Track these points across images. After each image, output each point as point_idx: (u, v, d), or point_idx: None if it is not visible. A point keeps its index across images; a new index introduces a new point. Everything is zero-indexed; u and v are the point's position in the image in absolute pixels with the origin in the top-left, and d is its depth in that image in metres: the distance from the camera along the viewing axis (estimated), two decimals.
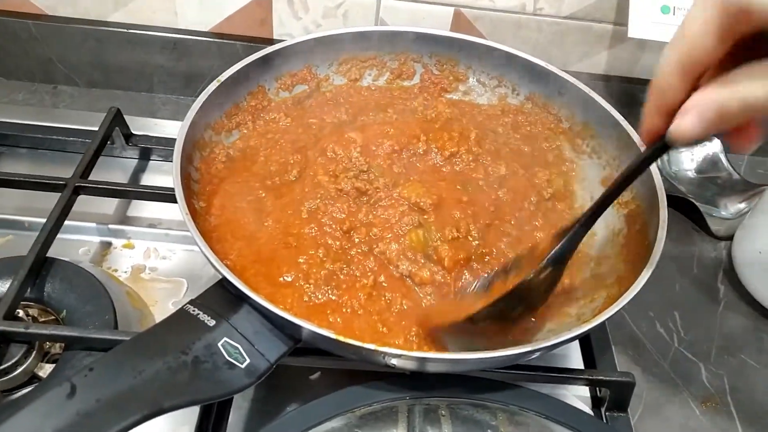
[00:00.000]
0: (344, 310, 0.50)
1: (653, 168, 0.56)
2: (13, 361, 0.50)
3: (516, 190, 0.60)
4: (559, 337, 0.44)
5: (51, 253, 0.57)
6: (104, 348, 0.50)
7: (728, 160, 0.77)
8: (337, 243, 0.53)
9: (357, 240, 0.54)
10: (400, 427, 0.46)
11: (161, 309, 0.59)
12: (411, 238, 0.54)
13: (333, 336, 0.42)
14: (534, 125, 0.68)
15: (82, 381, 0.37)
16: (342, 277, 0.51)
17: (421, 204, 0.56)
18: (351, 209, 0.56)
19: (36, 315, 0.55)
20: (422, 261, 0.53)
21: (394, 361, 0.44)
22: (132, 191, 0.63)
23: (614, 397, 0.53)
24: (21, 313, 0.53)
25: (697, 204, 0.69)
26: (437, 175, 0.60)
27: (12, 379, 0.50)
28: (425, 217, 0.55)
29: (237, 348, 0.43)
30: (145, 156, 0.73)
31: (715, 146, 0.78)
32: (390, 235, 0.54)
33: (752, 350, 0.62)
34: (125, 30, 0.76)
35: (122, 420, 0.35)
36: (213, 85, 0.59)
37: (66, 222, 0.60)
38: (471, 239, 0.55)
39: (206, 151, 0.59)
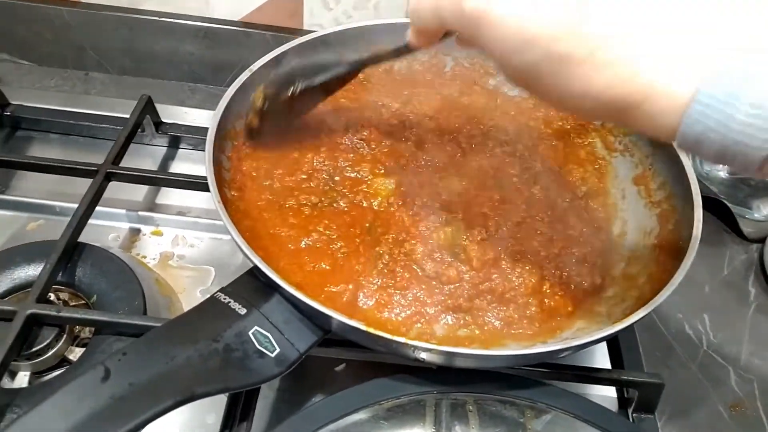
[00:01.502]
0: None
1: (688, 167, 0.55)
2: (45, 343, 0.51)
3: (549, 188, 0.59)
4: (590, 336, 0.44)
5: (82, 238, 0.58)
6: (134, 333, 0.50)
7: None
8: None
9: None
10: (427, 421, 0.46)
11: (189, 297, 0.60)
12: (438, 237, 0.54)
13: (363, 327, 0.42)
14: (566, 120, 0.67)
15: (115, 365, 0.38)
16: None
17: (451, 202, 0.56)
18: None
19: (67, 299, 0.55)
20: (449, 259, 0.53)
21: (423, 355, 0.43)
22: (162, 179, 0.64)
23: (642, 399, 0.52)
24: (52, 296, 0.54)
25: (729, 205, 0.68)
26: (473, 166, 0.59)
27: (43, 362, 0.51)
28: (454, 215, 0.55)
29: (267, 337, 0.43)
30: (174, 144, 0.73)
31: None
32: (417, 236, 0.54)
33: None
34: (157, 18, 0.76)
35: (155, 405, 0.36)
36: (245, 74, 0.59)
37: (97, 208, 0.60)
38: (500, 238, 0.54)
39: (237, 140, 0.59)
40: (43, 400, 0.35)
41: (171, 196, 0.68)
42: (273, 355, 0.42)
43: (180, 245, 0.64)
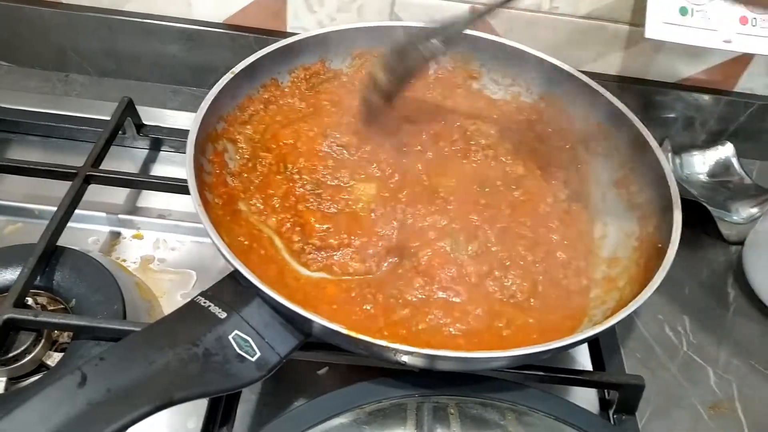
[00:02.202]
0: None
1: (667, 171, 0.56)
2: (22, 348, 0.50)
3: (532, 192, 0.59)
4: (569, 339, 0.44)
5: (61, 241, 0.57)
6: (113, 338, 0.50)
7: (740, 165, 0.77)
8: None
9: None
10: (409, 424, 0.46)
11: (170, 300, 0.59)
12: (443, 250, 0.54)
13: (344, 331, 0.42)
14: (548, 124, 0.67)
15: (93, 370, 0.37)
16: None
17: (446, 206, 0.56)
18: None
19: (45, 303, 0.54)
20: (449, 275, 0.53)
21: (404, 358, 0.43)
22: (143, 181, 0.63)
23: (623, 400, 0.53)
24: (30, 301, 0.53)
25: (708, 208, 0.68)
26: (457, 170, 0.60)
27: (20, 367, 0.50)
28: (453, 226, 0.55)
29: (248, 341, 0.42)
30: (155, 146, 0.73)
31: (727, 150, 0.77)
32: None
33: (762, 356, 0.61)
34: (139, 19, 0.75)
35: (133, 411, 0.35)
36: (227, 77, 0.59)
37: (76, 211, 0.60)
38: (489, 245, 0.55)
39: (219, 143, 0.58)
40: (19, 405, 0.35)
41: (152, 199, 0.68)
42: (253, 359, 0.42)
43: (161, 248, 0.63)
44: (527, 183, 0.60)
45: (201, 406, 0.49)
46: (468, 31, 0.68)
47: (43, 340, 0.51)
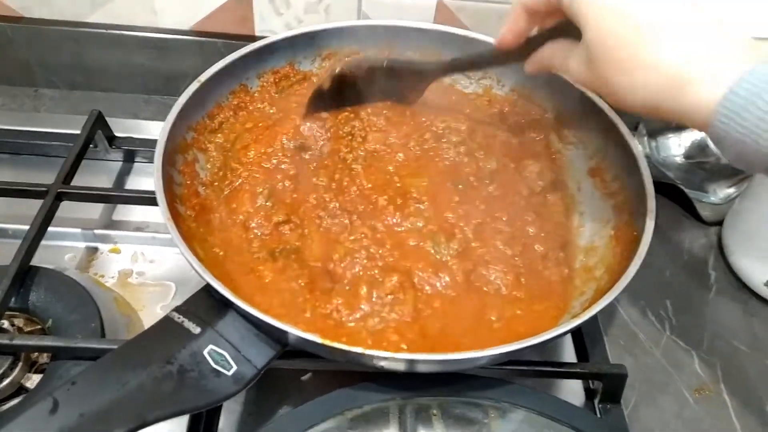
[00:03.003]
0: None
1: (640, 157, 0.56)
2: (0, 372, 0.49)
3: (506, 185, 0.59)
4: (549, 333, 0.44)
5: (36, 260, 0.56)
6: (91, 357, 0.49)
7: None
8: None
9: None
10: (392, 427, 0.46)
11: (150, 314, 0.59)
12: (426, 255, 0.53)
13: (319, 340, 0.42)
14: (521, 116, 0.67)
15: (64, 396, 0.37)
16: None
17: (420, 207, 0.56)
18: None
19: (22, 325, 0.54)
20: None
21: (382, 364, 0.43)
22: (116, 196, 0.63)
23: (607, 389, 0.53)
24: (6, 323, 0.53)
25: (685, 190, 0.68)
26: (429, 168, 0.59)
27: None
28: (430, 227, 0.55)
29: (223, 355, 0.42)
30: (129, 158, 0.72)
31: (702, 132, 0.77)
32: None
33: (744, 336, 0.62)
34: (104, 30, 0.74)
35: None
36: (193, 86, 0.58)
37: (50, 228, 0.59)
38: (467, 241, 0.54)
39: (189, 153, 0.58)
40: None
41: (128, 213, 0.67)
42: (230, 373, 0.42)
43: (139, 261, 0.63)
44: (501, 177, 0.60)
45: (184, 419, 0.48)
46: (436, 26, 0.68)
47: (21, 363, 0.51)
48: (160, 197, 0.49)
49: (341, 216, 0.55)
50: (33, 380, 0.52)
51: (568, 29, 0.45)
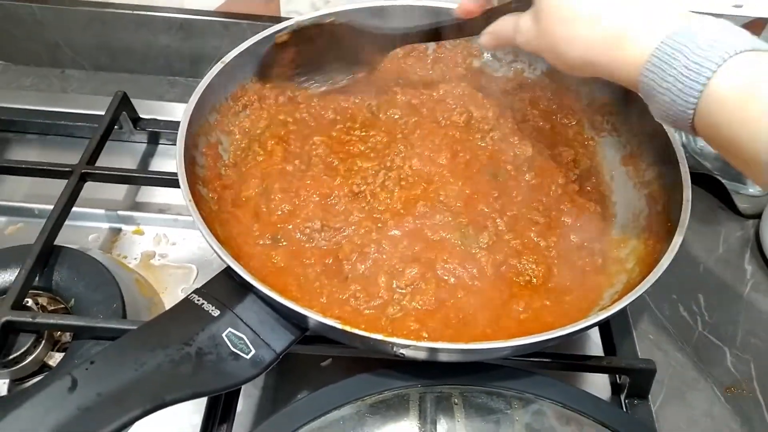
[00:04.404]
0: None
1: (677, 146, 0.53)
2: (23, 350, 0.50)
3: (543, 173, 0.57)
4: (575, 325, 0.42)
5: (60, 240, 0.57)
6: (112, 337, 0.49)
7: None
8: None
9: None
10: (412, 415, 0.45)
11: (171, 296, 0.59)
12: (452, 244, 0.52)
13: (339, 326, 0.41)
14: (552, 101, 0.65)
15: (83, 374, 0.37)
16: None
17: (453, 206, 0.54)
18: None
19: (45, 304, 0.54)
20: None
21: (402, 351, 0.42)
22: (139, 177, 0.63)
23: (634, 384, 0.51)
24: (30, 302, 0.53)
25: (722, 181, 0.66)
26: (462, 160, 0.58)
27: (22, 369, 0.50)
28: (461, 220, 0.53)
29: (242, 338, 0.42)
30: (153, 140, 0.72)
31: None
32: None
33: None
34: (130, 11, 0.74)
35: (123, 415, 0.35)
36: (217, 67, 0.57)
37: (75, 209, 0.59)
38: (501, 234, 0.53)
39: (212, 135, 0.57)
40: (9, 413, 0.35)
41: (152, 194, 0.67)
42: (248, 356, 0.41)
43: (162, 244, 0.63)
44: (536, 164, 0.58)
45: (203, 402, 0.48)
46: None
47: (44, 341, 0.51)
48: (182, 179, 0.48)
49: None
50: (56, 358, 0.52)
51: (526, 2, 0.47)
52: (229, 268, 0.43)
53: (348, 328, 0.41)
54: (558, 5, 0.43)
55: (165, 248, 0.62)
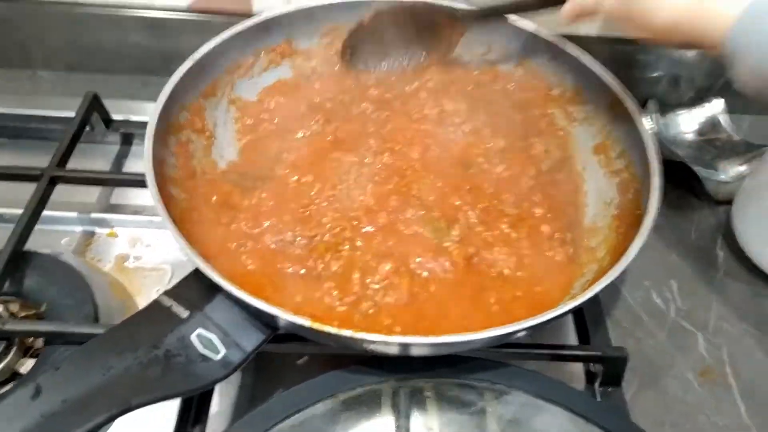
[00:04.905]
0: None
1: (646, 134, 0.54)
2: None
3: (515, 165, 0.58)
4: (544, 315, 0.43)
5: (32, 245, 0.56)
6: (84, 342, 0.49)
7: (729, 121, 0.74)
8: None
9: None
10: (385, 410, 0.45)
11: (146, 298, 0.58)
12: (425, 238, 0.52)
13: (309, 324, 0.41)
14: (525, 92, 0.65)
15: (47, 381, 0.36)
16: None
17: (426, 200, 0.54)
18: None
19: (17, 310, 0.54)
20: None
21: (374, 347, 0.42)
22: (110, 179, 0.62)
23: (607, 373, 0.51)
24: (1, 308, 0.52)
25: (694, 168, 0.66)
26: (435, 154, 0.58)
27: None
28: (433, 214, 0.54)
29: (211, 339, 0.42)
30: (127, 141, 0.71)
31: (715, 107, 0.75)
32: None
33: (752, 318, 0.60)
34: (100, 10, 0.73)
35: (87, 420, 0.35)
36: (186, 65, 0.57)
37: (47, 212, 0.59)
38: (473, 226, 0.53)
39: (182, 134, 0.57)
40: None
41: (126, 196, 0.66)
42: (218, 357, 0.41)
43: (136, 246, 0.62)
44: (508, 156, 0.59)
45: (176, 403, 0.48)
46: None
47: (14, 348, 0.51)
48: (150, 179, 0.48)
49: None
50: (27, 365, 0.51)
51: None
52: (198, 268, 0.43)
53: (317, 326, 0.41)
54: None
55: (140, 250, 0.62)
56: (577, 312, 0.56)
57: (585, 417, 0.45)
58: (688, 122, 0.75)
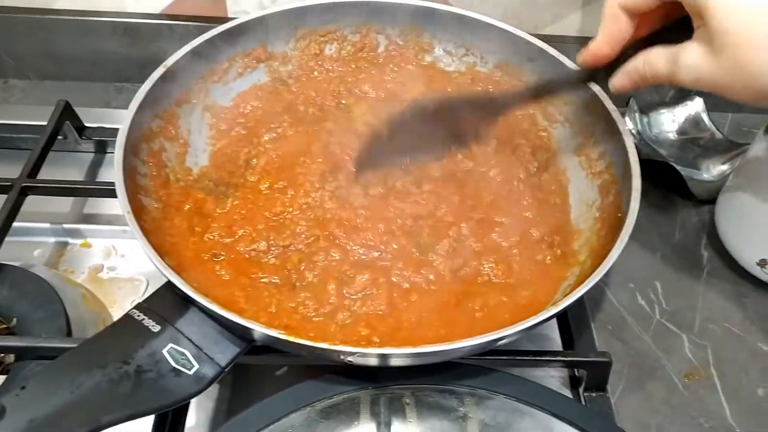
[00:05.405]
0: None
1: (626, 134, 0.53)
2: None
3: (504, 167, 0.57)
4: (525, 323, 0.42)
5: (3, 256, 0.55)
6: (55, 356, 0.47)
7: (711, 119, 0.74)
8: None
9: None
10: (363, 418, 0.44)
11: (120, 310, 0.57)
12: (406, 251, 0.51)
13: (283, 336, 0.40)
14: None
15: (13, 401, 0.35)
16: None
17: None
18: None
19: None
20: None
21: (350, 359, 0.41)
22: (83, 188, 0.61)
23: (591, 377, 0.51)
24: None
25: (677, 167, 0.66)
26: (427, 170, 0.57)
27: None
28: (420, 222, 0.53)
29: (184, 354, 0.40)
30: (101, 149, 0.70)
31: (696, 105, 0.74)
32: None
33: (737, 318, 0.59)
34: (72, 17, 0.72)
35: None
36: (158, 72, 0.56)
37: (17, 224, 0.57)
38: (463, 239, 0.52)
39: (155, 142, 0.55)
40: None
41: (99, 206, 0.65)
42: (191, 372, 0.40)
43: (111, 256, 0.61)
44: (498, 158, 0.58)
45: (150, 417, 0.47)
46: (418, 2, 0.65)
47: None
48: (120, 189, 0.47)
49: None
50: None
51: (677, 29, 0.42)
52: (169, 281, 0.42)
53: (292, 338, 0.40)
54: (751, 29, 0.38)
55: (114, 261, 0.61)
56: (561, 316, 0.55)
57: (569, 421, 0.45)
58: (670, 121, 0.74)
